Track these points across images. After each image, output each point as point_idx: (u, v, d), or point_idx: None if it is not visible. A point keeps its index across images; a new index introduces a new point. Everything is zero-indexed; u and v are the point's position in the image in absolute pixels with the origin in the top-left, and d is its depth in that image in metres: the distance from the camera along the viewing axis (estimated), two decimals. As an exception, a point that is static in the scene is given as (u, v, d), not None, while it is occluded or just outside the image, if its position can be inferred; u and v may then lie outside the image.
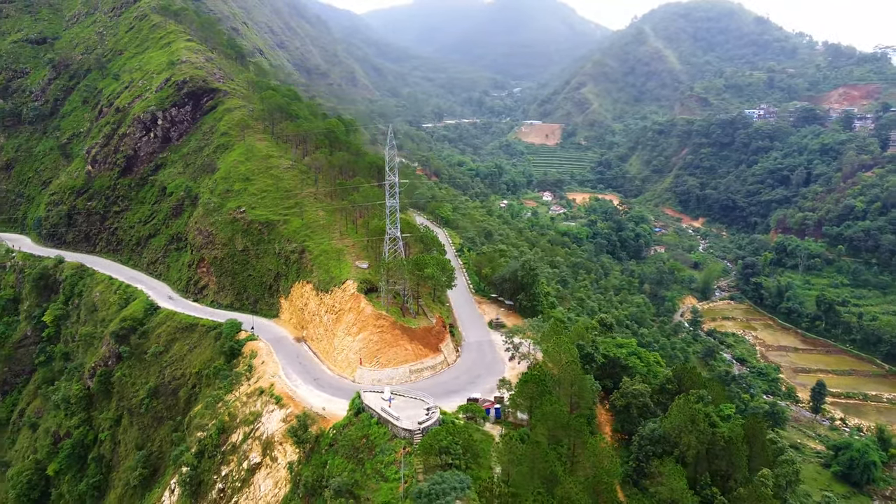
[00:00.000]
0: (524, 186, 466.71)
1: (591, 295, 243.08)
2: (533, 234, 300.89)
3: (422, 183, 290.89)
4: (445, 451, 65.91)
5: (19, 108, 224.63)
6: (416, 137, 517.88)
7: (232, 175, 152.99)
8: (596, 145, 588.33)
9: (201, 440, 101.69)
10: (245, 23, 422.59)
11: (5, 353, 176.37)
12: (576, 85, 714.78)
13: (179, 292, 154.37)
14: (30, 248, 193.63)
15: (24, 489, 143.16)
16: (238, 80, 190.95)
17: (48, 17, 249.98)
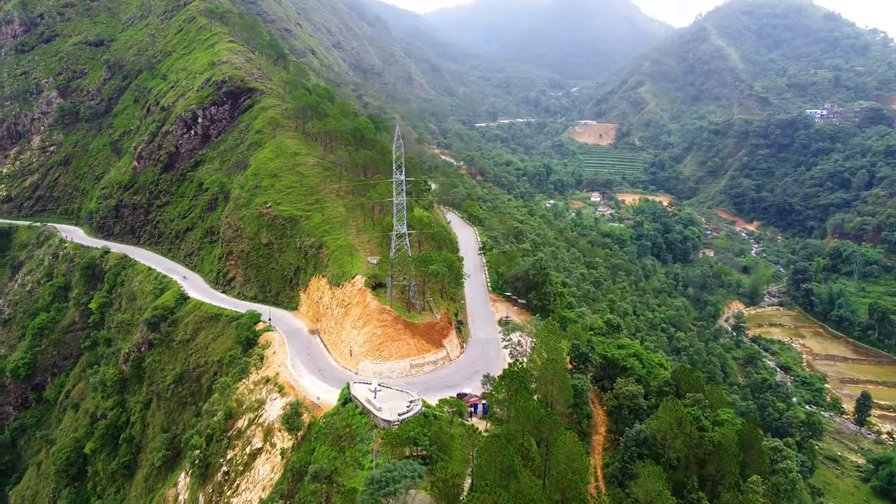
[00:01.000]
0: (572, 187, 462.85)
1: (627, 297, 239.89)
2: (574, 234, 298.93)
3: (462, 182, 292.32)
4: (413, 442, 67.56)
5: (77, 107, 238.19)
6: (467, 137, 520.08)
7: (261, 171, 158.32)
8: (650, 146, 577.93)
9: (210, 425, 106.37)
10: (299, 24, 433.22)
11: (55, 337, 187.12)
12: (633, 84, 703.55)
13: (210, 283, 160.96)
14: (81, 239, 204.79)
15: (64, 466, 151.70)
16: (275, 79, 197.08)
17: (106, 20, 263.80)
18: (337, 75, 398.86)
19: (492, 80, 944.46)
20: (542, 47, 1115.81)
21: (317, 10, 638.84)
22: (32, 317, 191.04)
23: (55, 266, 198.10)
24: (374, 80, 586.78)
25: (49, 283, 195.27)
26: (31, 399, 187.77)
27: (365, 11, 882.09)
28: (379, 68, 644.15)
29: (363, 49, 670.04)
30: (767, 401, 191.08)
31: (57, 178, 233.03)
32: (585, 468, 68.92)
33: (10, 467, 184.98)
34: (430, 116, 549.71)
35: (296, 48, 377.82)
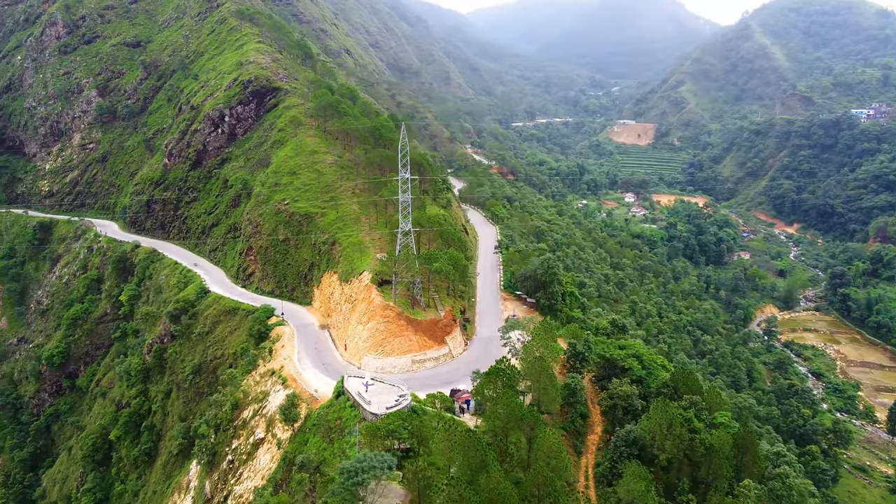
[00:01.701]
0: (606, 187, 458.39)
1: (652, 298, 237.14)
2: (602, 235, 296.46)
3: (490, 181, 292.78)
4: (391, 435, 68.92)
5: (115, 106, 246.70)
6: (501, 136, 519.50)
7: (281, 169, 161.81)
8: (690, 146, 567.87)
9: (217, 415, 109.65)
10: (335, 24, 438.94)
11: (88, 327, 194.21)
12: (673, 84, 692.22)
13: (231, 278, 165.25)
14: (115, 233, 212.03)
15: (90, 451, 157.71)
16: (300, 79, 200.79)
17: (143, 21, 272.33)
18: (370, 75, 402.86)
19: (531, 79, 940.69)
20: (583, 46, 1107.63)
21: (356, 10, 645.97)
22: (67, 307, 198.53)
23: (89, 259, 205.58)
24: (410, 80, 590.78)
25: (83, 275, 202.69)
26: (65, 386, 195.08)
27: (406, 11, 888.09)
28: (416, 68, 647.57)
29: (401, 49, 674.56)
30: (792, 407, 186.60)
31: (95, 174, 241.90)
32: (565, 466, 68.95)
33: (44, 451, 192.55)
34: (466, 116, 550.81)
35: (330, 48, 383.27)
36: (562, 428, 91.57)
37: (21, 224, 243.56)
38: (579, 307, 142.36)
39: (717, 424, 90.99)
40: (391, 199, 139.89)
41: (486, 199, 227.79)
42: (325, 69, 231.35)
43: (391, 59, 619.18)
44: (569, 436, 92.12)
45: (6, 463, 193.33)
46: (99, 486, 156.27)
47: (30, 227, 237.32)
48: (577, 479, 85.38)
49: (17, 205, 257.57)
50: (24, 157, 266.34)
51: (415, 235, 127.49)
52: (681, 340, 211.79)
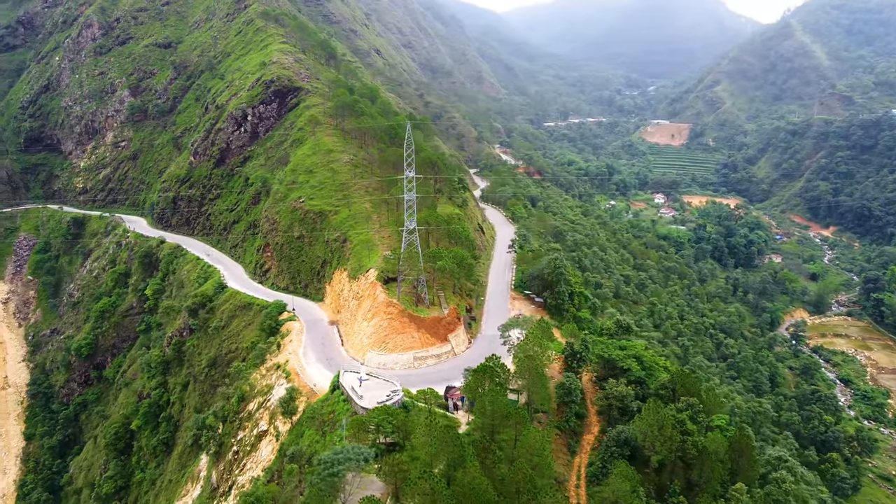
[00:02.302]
0: (635, 188, 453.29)
1: (675, 300, 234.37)
2: (627, 236, 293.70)
3: (514, 181, 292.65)
4: (376, 429, 70.22)
5: (146, 105, 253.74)
6: (531, 136, 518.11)
7: (298, 167, 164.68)
8: (724, 146, 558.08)
9: (224, 407, 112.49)
10: (366, 24, 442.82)
11: (115, 320, 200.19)
12: (709, 83, 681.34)
13: (249, 274, 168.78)
14: (143, 229, 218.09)
15: (112, 439, 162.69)
16: (322, 78, 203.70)
17: (175, 23, 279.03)
18: (399, 74, 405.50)
19: (566, 79, 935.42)
20: (620, 46, 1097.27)
21: (389, 10, 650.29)
22: (96, 301, 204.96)
23: (118, 254, 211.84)
24: (442, 80, 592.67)
25: (112, 269, 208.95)
26: (93, 377, 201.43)
27: (440, 11, 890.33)
28: (449, 67, 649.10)
29: (434, 48, 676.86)
30: (814, 413, 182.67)
31: (126, 171, 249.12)
32: (548, 464, 69.13)
33: (72, 439, 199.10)
34: (497, 115, 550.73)
35: (360, 48, 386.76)
36: (556, 427, 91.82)
37: (56, 220, 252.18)
38: (589, 307, 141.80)
39: (714, 427, 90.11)
40: (401, 198, 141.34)
41: (506, 199, 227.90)
42: (347, 69, 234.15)
43: (424, 59, 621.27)
44: (564, 435, 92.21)
45: (36, 450, 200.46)
46: (120, 474, 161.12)
47: (64, 223, 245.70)
48: (569, 477, 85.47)
49: (54, 201, 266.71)
50: (60, 155, 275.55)
51: (423, 234, 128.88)
52: (701, 343, 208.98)
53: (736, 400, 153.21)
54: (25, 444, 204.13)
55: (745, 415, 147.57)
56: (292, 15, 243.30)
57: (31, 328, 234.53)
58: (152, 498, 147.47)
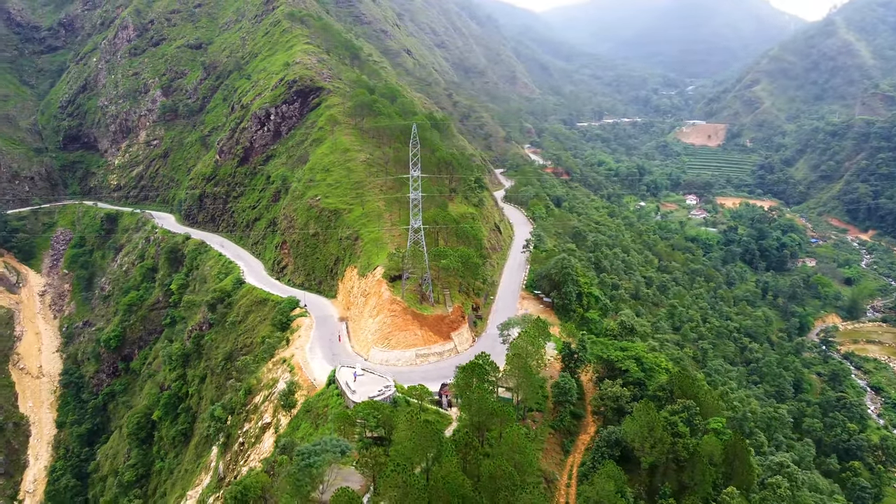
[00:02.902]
0: (667, 189, 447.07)
1: (699, 303, 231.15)
2: (654, 237, 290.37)
3: (540, 181, 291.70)
4: (362, 423, 71.66)
5: (177, 105, 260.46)
6: (563, 136, 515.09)
7: (316, 166, 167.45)
8: (762, 147, 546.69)
9: (232, 399, 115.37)
10: (397, 25, 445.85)
11: (142, 313, 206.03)
12: (748, 83, 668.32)
13: (267, 270, 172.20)
14: (171, 225, 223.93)
15: (134, 429, 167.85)
16: (344, 78, 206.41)
17: (206, 24, 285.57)
18: (428, 74, 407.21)
19: (602, 78, 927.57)
20: (658, 45, 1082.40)
21: (423, 10, 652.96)
22: (125, 294, 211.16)
23: (146, 249, 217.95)
24: (475, 79, 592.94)
25: (140, 264, 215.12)
26: (121, 368, 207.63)
27: (477, 11, 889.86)
28: (482, 67, 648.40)
29: (469, 48, 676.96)
30: (837, 420, 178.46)
31: (157, 169, 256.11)
32: (529, 462, 69.57)
33: (100, 428, 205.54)
34: (528, 115, 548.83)
35: (390, 49, 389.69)
36: (550, 426, 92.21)
37: (91, 215, 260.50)
38: (600, 309, 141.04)
39: (710, 430, 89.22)
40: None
41: (527, 199, 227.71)
42: (370, 69, 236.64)
43: (457, 59, 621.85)
44: (558, 434, 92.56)
45: (66, 437, 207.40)
46: (141, 462, 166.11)
47: (98, 219, 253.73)
48: (560, 476, 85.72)
49: (90, 197, 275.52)
50: (97, 153, 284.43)
51: (432, 233, 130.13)
52: (723, 347, 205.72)
53: (752, 404, 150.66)
54: (57, 432, 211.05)
55: (759, 420, 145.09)
56: (317, 16, 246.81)
57: (65, 320, 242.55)
58: (169, 487, 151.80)
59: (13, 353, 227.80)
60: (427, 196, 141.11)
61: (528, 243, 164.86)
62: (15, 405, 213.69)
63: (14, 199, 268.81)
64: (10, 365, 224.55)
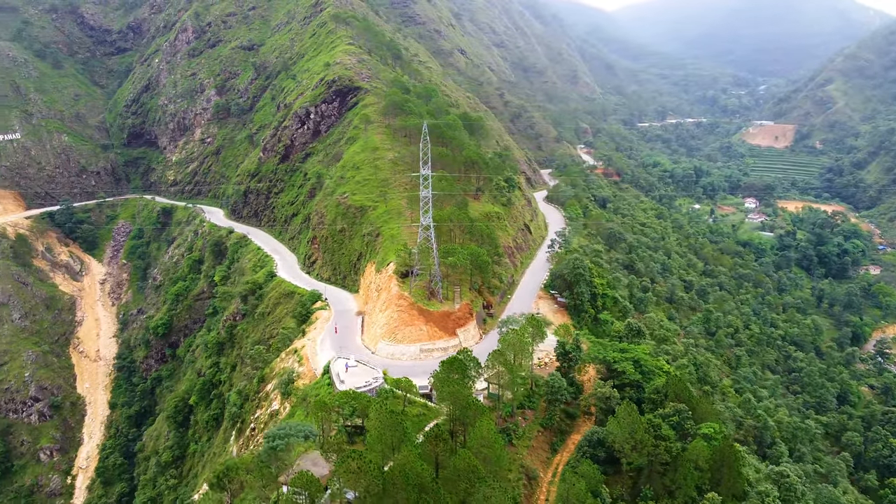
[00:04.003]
0: (725, 191, 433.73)
1: (742, 309, 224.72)
2: (702, 241, 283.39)
3: (585, 181, 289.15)
4: (336, 410, 74.45)
5: (230, 104, 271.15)
6: (619, 137, 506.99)
7: (347, 164, 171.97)
8: (832, 149, 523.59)
9: (247, 387, 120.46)
10: (452, 25, 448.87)
11: (188, 303, 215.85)
12: (821, 82, 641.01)
13: (300, 264, 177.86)
14: (218, 219, 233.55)
15: (172, 413, 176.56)
16: (382, 78, 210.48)
17: (259, 26, 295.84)
18: (481, 74, 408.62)
19: (669, 77, 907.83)
20: (731, 43, 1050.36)
21: (484, 10, 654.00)
22: (173, 284, 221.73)
23: (194, 242, 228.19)
24: (534, 79, 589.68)
25: (188, 256, 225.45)
26: (168, 355, 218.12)
27: (542, 10, 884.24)
28: (542, 67, 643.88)
29: (530, 48, 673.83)
30: (879, 435, 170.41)
31: (210, 165, 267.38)
32: (497, 456, 70.80)
33: (147, 411, 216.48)
34: (587, 115, 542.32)
35: (442, 49, 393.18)
36: (540, 425, 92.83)
37: (149, 209, 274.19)
38: (620, 311, 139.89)
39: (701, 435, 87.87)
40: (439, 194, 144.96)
41: (565, 199, 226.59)
42: (412, 69, 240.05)
43: (516, 59, 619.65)
44: (548, 433, 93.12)
45: (118, 418, 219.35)
46: (178, 444, 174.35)
47: (155, 212, 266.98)
48: (543, 474, 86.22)
49: (150, 191, 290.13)
50: (157, 149, 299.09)
51: (447, 230, 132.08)
52: (763, 354, 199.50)
53: (779, 414, 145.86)
54: (109, 413, 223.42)
55: (785, 430, 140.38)
56: (362, 17, 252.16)
57: (122, 307, 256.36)
58: (200, 468, 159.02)
59: (74, 337, 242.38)
60: (448, 194, 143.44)
61: (552, 243, 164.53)
62: (73, 386, 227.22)
63: (81, 192, 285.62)
64: (71, 348, 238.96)
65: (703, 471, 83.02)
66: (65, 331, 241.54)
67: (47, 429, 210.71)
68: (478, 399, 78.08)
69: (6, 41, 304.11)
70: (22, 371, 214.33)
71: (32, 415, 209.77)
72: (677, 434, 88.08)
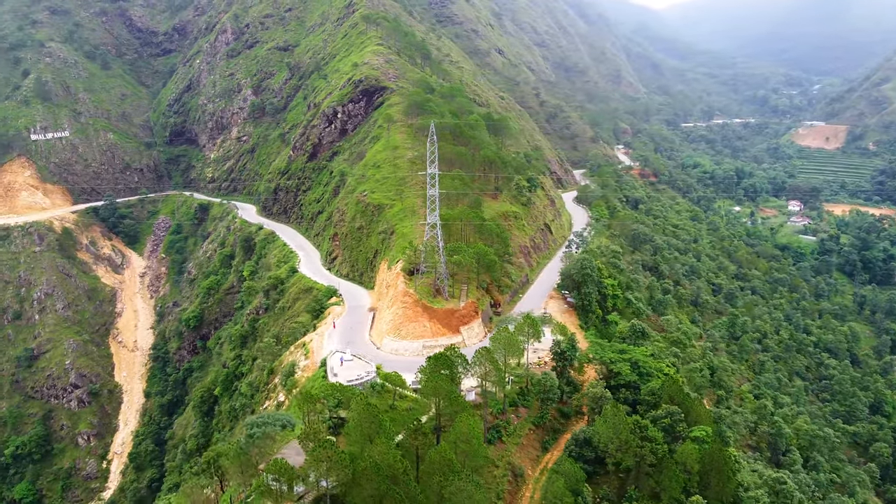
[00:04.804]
0: (768, 193, 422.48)
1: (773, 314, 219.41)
2: (737, 243, 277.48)
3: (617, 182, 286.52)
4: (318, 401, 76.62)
5: (265, 103, 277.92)
6: (660, 137, 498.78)
7: (369, 162, 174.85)
8: (886, 151, 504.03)
9: (257, 378, 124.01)
10: (490, 25, 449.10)
11: (218, 297, 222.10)
12: (876, 81, 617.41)
13: (322, 261, 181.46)
14: (249, 216, 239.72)
15: (198, 403, 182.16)
16: (409, 78, 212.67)
17: (294, 28, 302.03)
18: (518, 73, 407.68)
19: (718, 77, 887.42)
20: (786, 41, 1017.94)
21: (526, 10, 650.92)
22: (205, 278, 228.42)
23: (227, 238, 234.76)
24: (575, 79, 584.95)
25: (221, 251, 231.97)
26: (199, 347, 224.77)
27: (587, 10, 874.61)
28: (583, 66, 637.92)
29: (573, 47, 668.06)
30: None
31: (245, 163, 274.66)
32: (475, 451, 71.77)
33: (179, 400, 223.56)
34: (628, 116, 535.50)
35: (479, 49, 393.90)
36: (532, 423, 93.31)
37: (188, 205, 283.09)
38: (633, 312, 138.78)
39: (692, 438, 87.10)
40: (453, 192, 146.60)
41: (592, 200, 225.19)
42: (441, 69, 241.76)
43: (557, 58, 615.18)
44: (540, 431, 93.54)
45: (152, 406, 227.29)
46: (202, 433, 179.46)
47: (192, 208, 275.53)
48: (526, 471, 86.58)
49: (189, 188, 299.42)
50: (197, 147, 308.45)
51: (457, 229, 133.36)
52: (792, 360, 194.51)
53: (797, 422, 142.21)
54: (144, 401, 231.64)
55: (803, 438, 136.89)
56: (392, 18, 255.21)
57: (159, 300, 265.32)
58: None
59: (113, 328, 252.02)
60: (461, 193, 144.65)
61: (569, 244, 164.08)
62: (111, 374, 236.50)
63: (125, 188, 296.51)
64: (111, 338, 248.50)
65: (692, 474, 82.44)
66: (105, 321, 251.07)
67: (85, 414, 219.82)
68: (461, 394, 79.10)
69: (59, 43, 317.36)
70: (63, 359, 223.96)
71: (72, 401, 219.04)
72: (670, 436, 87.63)
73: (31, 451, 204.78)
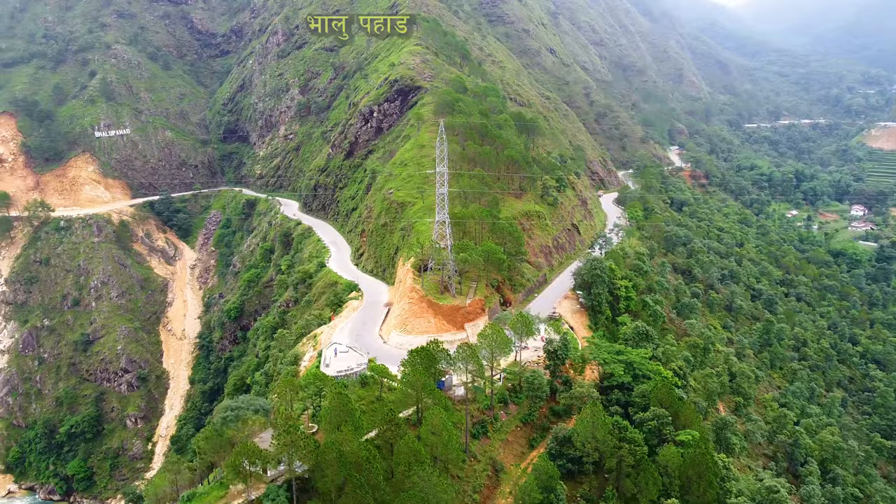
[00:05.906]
0: (830, 197, 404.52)
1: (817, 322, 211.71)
2: (786, 248, 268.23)
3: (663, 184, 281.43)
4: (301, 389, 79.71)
5: (310, 103, 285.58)
6: (717, 137, 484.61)
7: (397, 161, 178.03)
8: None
9: (270, 368, 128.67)
10: (542, 24, 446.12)
11: (258, 289, 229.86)
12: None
13: (351, 256, 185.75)
14: (290, 211, 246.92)
15: (231, 390, 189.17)
16: (444, 78, 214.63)
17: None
18: (568, 73, 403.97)
19: (789, 76, 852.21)
20: (867, 37, 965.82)
21: (584, 9, 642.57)
22: (247, 271, 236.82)
23: (268, 232, 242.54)
24: (633, 78, 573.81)
25: (262, 245, 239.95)
26: (239, 337, 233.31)
27: (652, 7, 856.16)
28: (642, 65, 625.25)
29: (633, 46, 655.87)
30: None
31: (290, 161, 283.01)
32: (446, 443, 73.33)
33: (220, 388, 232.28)
34: (687, 116, 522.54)
35: (529, 48, 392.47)
36: (520, 420, 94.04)
37: (237, 201, 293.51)
38: (650, 315, 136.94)
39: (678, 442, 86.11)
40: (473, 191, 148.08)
41: (628, 201, 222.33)
42: (479, 70, 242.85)
43: (615, 57, 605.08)
44: (527, 428, 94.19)
45: (195, 393, 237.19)
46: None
47: (241, 203, 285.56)
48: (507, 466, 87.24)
49: (240, 184, 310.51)
50: (248, 145, 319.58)
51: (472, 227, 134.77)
52: (832, 370, 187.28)
53: (821, 434, 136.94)
54: (189, 387, 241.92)
55: (826, 451, 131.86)
56: (431, 18, 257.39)
57: (207, 291, 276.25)
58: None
59: (163, 317, 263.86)
60: (480, 192, 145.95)
61: (592, 244, 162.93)
62: (159, 361, 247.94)
63: (180, 183, 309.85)
64: (160, 326, 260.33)
65: (673, 477, 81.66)
66: (156, 310, 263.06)
67: (134, 398, 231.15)
68: (439, 389, 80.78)
69: (124, 45, 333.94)
70: (115, 345, 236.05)
71: (122, 385, 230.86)
72: (656, 439, 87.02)
73: (84, 431, 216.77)
